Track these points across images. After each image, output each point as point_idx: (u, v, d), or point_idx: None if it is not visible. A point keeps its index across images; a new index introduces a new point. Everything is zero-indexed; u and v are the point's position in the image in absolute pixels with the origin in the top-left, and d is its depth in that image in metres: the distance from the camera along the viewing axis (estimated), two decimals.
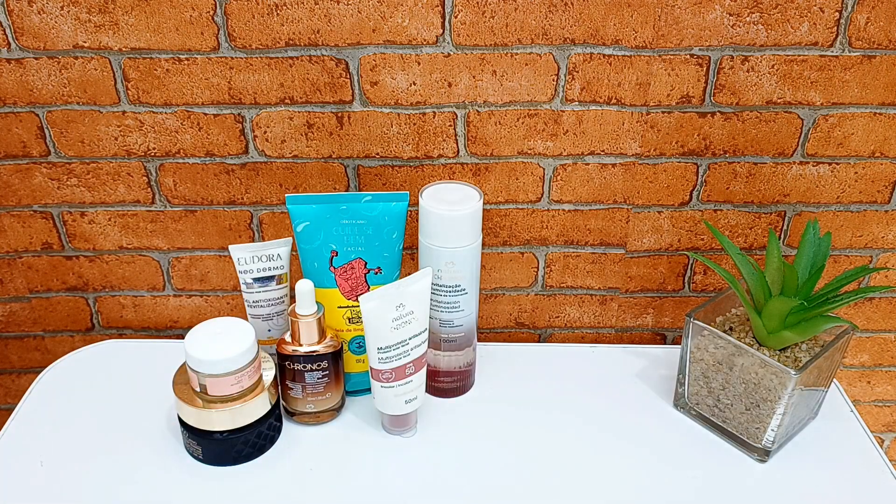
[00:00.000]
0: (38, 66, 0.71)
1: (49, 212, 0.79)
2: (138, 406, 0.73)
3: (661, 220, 0.80)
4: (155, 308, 0.85)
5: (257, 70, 0.71)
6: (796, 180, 0.77)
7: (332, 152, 0.75)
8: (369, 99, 0.72)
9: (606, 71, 0.71)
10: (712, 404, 0.71)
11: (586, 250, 0.81)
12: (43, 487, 0.65)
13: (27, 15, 0.68)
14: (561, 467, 0.68)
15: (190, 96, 0.72)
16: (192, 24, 0.69)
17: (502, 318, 0.86)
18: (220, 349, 0.63)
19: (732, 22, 0.69)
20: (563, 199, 0.78)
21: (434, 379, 0.74)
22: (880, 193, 0.78)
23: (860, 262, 0.83)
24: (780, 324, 0.66)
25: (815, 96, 0.73)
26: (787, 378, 0.64)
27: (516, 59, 0.71)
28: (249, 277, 0.73)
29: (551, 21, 0.69)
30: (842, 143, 0.75)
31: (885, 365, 0.90)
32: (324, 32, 0.69)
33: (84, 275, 0.83)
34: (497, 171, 0.76)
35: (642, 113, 0.73)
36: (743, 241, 0.81)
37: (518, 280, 0.83)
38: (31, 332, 0.87)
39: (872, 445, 0.71)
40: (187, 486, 0.65)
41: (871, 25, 0.69)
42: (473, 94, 0.72)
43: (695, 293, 0.85)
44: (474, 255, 0.69)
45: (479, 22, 0.69)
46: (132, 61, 0.71)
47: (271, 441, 0.69)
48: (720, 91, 0.73)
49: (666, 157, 0.76)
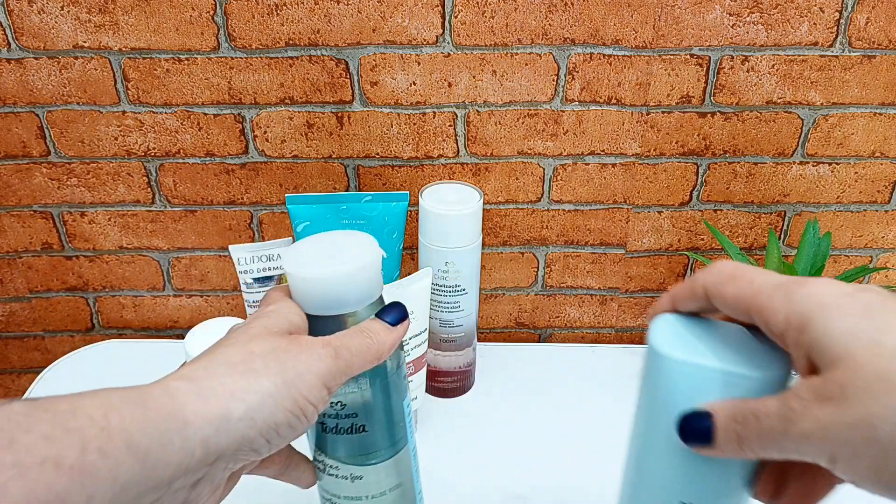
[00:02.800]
0: (38, 66, 0.71)
1: (49, 212, 0.79)
2: None
3: (661, 220, 0.80)
4: (155, 308, 0.85)
5: (257, 70, 0.71)
6: (796, 180, 0.77)
7: (332, 152, 0.75)
8: (369, 99, 0.73)
9: (606, 71, 0.71)
10: None
11: (586, 250, 0.81)
12: None
13: (27, 15, 0.68)
14: (561, 467, 0.68)
15: (190, 96, 0.72)
16: (192, 24, 0.69)
17: (502, 318, 0.86)
18: None
19: (732, 22, 0.69)
20: (563, 199, 0.78)
21: (434, 379, 0.74)
22: (880, 193, 0.78)
23: (860, 263, 0.83)
24: None
25: (815, 96, 0.73)
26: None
27: (516, 59, 0.71)
28: (249, 277, 0.73)
29: (551, 21, 0.69)
30: (842, 143, 0.75)
31: None
32: (324, 32, 0.69)
33: (84, 275, 0.83)
34: (497, 171, 0.76)
35: (642, 113, 0.74)
36: (743, 241, 0.81)
37: (518, 280, 0.83)
38: (31, 332, 0.87)
39: None
40: None
41: (872, 25, 0.69)
42: (473, 94, 0.72)
43: None
44: (474, 255, 0.69)
45: (479, 22, 0.69)
46: (132, 61, 0.71)
47: None
48: (720, 91, 0.73)
49: (666, 157, 0.76)
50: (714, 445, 0.33)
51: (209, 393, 0.32)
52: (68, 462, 0.27)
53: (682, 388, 0.36)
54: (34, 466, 0.26)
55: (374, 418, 0.44)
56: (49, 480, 0.26)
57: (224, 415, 0.32)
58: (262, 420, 0.33)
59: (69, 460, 0.27)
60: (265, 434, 0.34)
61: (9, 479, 0.25)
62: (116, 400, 0.30)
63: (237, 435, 0.33)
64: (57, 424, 0.27)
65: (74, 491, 0.27)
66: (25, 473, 0.25)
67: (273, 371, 0.34)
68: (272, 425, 0.34)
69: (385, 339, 0.40)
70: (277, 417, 0.34)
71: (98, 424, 0.28)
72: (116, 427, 0.29)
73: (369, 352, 0.39)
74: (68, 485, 0.26)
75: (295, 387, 0.35)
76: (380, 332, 0.40)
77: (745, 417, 0.32)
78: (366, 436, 0.44)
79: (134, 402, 0.30)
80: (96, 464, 0.27)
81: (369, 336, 0.39)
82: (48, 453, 0.26)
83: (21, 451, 0.26)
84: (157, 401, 0.31)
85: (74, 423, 0.28)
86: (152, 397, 0.31)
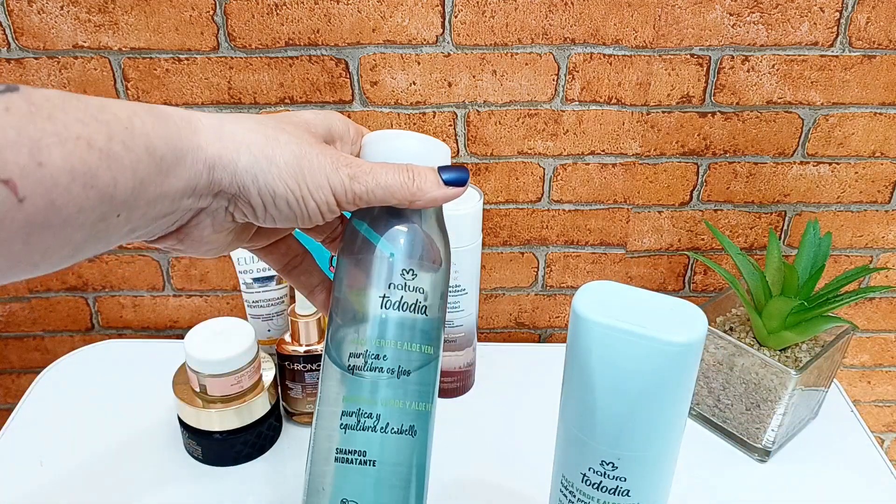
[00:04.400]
0: (38, 66, 0.71)
1: None
2: (138, 406, 0.73)
3: (662, 220, 0.80)
4: (155, 308, 0.85)
5: (257, 70, 0.71)
6: (797, 180, 0.77)
7: None
8: (369, 99, 0.72)
9: (606, 71, 0.71)
10: (712, 404, 0.71)
11: (586, 250, 0.81)
12: (43, 487, 0.65)
13: (27, 15, 0.68)
14: None
15: (190, 96, 0.72)
16: (191, 24, 0.69)
17: (502, 318, 0.86)
18: (220, 349, 0.63)
19: (733, 22, 0.69)
20: (563, 199, 0.78)
21: None
22: (880, 193, 0.78)
23: (860, 262, 0.83)
24: (781, 324, 0.66)
25: (815, 96, 0.73)
26: (788, 378, 0.63)
27: (516, 59, 0.71)
28: (249, 277, 0.73)
29: (551, 21, 0.69)
30: (842, 143, 0.75)
31: (885, 365, 0.90)
32: (324, 32, 0.69)
33: (84, 275, 0.83)
34: (497, 171, 0.76)
35: (642, 113, 0.73)
36: (743, 241, 0.81)
37: (518, 280, 0.83)
38: (30, 332, 0.87)
39: (872, 445, 0.71)
40: (187, 486, 0.65)
41: (872, 25, 0.69)
42: (473, 94, 0.72)
43: (695, 293, 0.85)
44: (474, 255, 0.69)
45: (479, 22, 0.69)
46: (132, 61, 0.71)
47: (271, 441, 0.69)
48: (720, 91, 0.72)
49: (666, 157, 0.76)
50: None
51: (228, 136, 0.35)
52: (98, 144, 0.29)
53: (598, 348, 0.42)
54: (70, 140, 0.28)
55: (437, 302, 0.44)
56: (83, 155, 0.28)
57: (233, 158, 0.35)
58: (263, 181, 0.35)
59: (99, 143, 0.29)
60: (262, 195, 0.36)
61: (52, 145, 0.27)
62: (140, 109, 0.32)
63: (239, 180, 0.35)
64: (88, 113, 0.29)
65: (103, 169, 0.29)
66: (64, 143, 0.28)
67: (290, 152, 0.36)
68: (270, 192, 0.36)
69: (428, 188, 0.40)
70: (277, 188, 0.36)
71: (123, 123, 0.30)
72: (139, 129, 0.31)
73: (402, 189, 0.39)
74: (98, 163, 0.29)
75: (303, 175, 0.36)
76: (427, 178, 0.40)
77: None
78: (426, 320, 0.43)
79: (157, 115, 0.32)
80: (120, 153, 0.30)
81: (411, 177, 0.40)
82: (81, 132, 0.28)
83: (59, 124, 0.28)
84: (178, 122, 0.33)
85: (103, 116, 0.30)
86: (175, 118, 0.33)
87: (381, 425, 0.41)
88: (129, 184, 0.30)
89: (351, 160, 0.38)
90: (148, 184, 0.31)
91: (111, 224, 0.30)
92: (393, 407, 0.42)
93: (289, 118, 0.39)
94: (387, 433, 0.41)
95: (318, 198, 0.37)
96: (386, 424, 0.42)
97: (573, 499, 0.47)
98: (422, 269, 0.43)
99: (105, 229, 0.30)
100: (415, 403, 0.42)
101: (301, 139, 0.37)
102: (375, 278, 0.42)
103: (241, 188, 0.35)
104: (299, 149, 0.36)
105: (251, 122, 0.36)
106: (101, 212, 0.29)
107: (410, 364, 0.42)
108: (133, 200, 0.31)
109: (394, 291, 0.41)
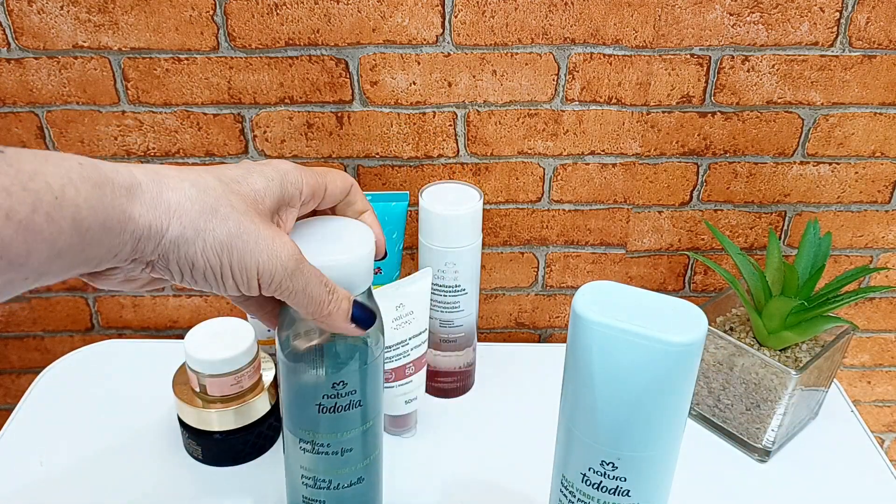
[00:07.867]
0: (37, 66, 0.71)
1: None
2: (138, 406, 0.73)
3: (662, 220, 0.80)
4: (154, 308, 0.85)
5: (257, 70, 0.71)
6: (797, 180, 0.77)
7: (331, 152, 0.75)
8: (369, 99, 0.72)
9: (606, 71, 0.71)
10: (712, 404, 0.71)
11: (586, 250, 0.81)
12: (43, 487, 0.65)
13: (27, 15, 0.68)
14: None
15: (189, 96, 0.72)
16: (191, 24, 0.69)
17: (502, 318, 0.86)
18: (220, 349, 0.63)
19: (733, 22, 0.69)
20: (563, 199, 0.78)
21: (434, 379, 0.74)
22: (881, 193, 0.78)
23: (860, 262, 0.83)
24: (781, 324, 0.66)
25: (815, 96, 0.73)
26: (788, 378, 0.63)
27: (516, 59, 0.71)
28: None
29: (551, 21, 0.69)
30: (842, 142, 0.75)
31: (885, 365, 0.90)
32: (323, 32, 0.69)
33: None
34: (497, 170, 0.76)
35: (642, 113, 0.73)
36: (743, 241, 0.81)
37: (518, 280, 0.83)
38: (30, 332, 0.87)
39: (872, 445, 0.71)
40: (187, 486, 0.65)
41: (872, 25, 0.69)
42: (473, 94, 0.72)
43: (695, 293, 0.85)
44: (474, 255, 0.69)
45: (479, 21, 0.69)
46: (132, 61, 0.71)
47: (271, 441, 0.69)
48: (720, 91, 0.72)
49: (666, 157, 0.76)
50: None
51: (163, 206, 0.35)
52: (18, 217, 0.29)
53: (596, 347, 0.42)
54: None
55: (368, 393, 0.48)
56: None
57: (161, 228, 0.35)
58: (184, 253, 0.36)
59: (19, 216, 0.29)
60: (180, 265, 0.36)
61: None
62: (76, 176, 0.32)
63: (161, 250, 0.35)
64: (17, 182, 0.29)
65: (18, 242, 0.29)
66: None
67: (226, 228, 0.36)
68: (189, 263, 0.36)
69: (337, 317, 0.41)
70: (197, 261, 0.36)
71: (53, 193, 0.30)
72: (70, 200, 0.31)
73: (318, 306, 0.40)
74: (13, 235, 0.29)
75: (230, 253, 0.37)
76: (341, 307, 0.41)
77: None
78: (361, 409, 0.48)
79: (93, 182, 0.32)
80: (41, 226, 0.30)
81: (329, 299, 0.41)
82: (2, 203, 0.29)
83: None
84: (116, 190, 0.33)
85: (33, 185, 0.30)
86: (114, 184, 0.33)
87: (334, 485, 0.51)
88: (45, 255, 0.31)
89: (292, 252, 0.38)
90: (66, 254, 0.31)
91: (16, 284, 0.31)
92: (342, 472, 0.50)
93: (239, 187, 0.38)
94: (339, 489, 0.51)
95: (240, 278, 0.37)
96: (338, 485, 0.51)
97: (573, 499, 0.47)
98: (354, 372, 0.47)
99: (9, 287, 0.31)
100: (360, 464, 0.51)
101: (244, 215, 0.37)
102: (312, 388, 0.47)
103: (160, 256, 0.36)
104: (237, 227, 0.37)
105: (194, 191, 0.36)
106: (8, 277, 0.30)
107: (353, 442, 0.49)
108: (46, 268, 0.31)
109: (327, 401, 0.47)
